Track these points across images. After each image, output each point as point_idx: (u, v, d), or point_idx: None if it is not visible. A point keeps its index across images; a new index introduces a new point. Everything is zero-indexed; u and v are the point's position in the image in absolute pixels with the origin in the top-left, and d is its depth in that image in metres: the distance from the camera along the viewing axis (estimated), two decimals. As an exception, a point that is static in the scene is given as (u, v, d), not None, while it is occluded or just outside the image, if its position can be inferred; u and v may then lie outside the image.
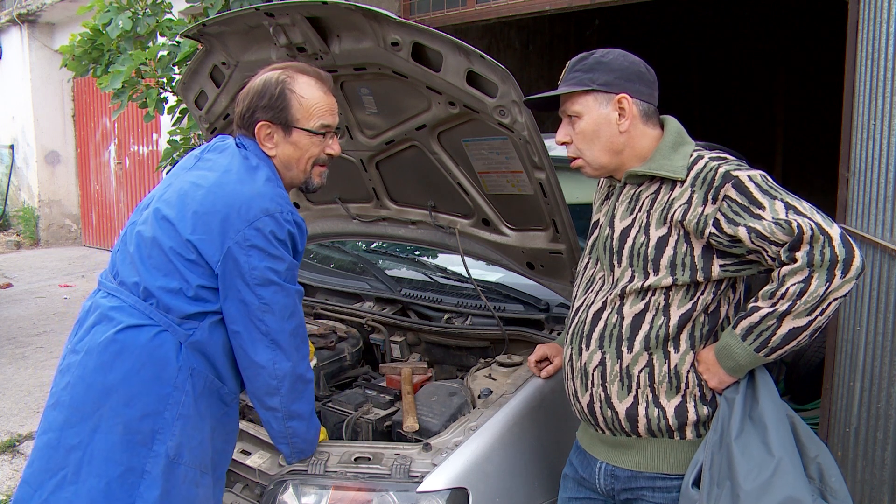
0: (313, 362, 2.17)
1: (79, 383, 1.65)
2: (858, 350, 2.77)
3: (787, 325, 1.46)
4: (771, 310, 1.47)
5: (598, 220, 1.76)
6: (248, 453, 1.96)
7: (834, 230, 1.43)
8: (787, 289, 1.44)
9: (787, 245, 1.44)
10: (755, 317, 1.49)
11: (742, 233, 1.47)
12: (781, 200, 1.47)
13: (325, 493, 1.77)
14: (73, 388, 1.66)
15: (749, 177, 1.50)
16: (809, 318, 1.45)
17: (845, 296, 1.44)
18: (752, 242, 1.47)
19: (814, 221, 1.43)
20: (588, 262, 1.77)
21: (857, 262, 1.42)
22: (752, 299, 1.52)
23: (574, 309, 1.76)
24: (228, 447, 1.81)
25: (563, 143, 1.71)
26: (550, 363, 2.03)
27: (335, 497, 1.76)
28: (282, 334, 1.69)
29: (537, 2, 3.99)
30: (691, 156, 1.60)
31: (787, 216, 1.44)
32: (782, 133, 8.41)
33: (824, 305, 1.44)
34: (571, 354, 1.72)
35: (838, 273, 1.42)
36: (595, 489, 1.75)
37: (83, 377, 1.65)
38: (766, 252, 1.48)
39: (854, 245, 1.43)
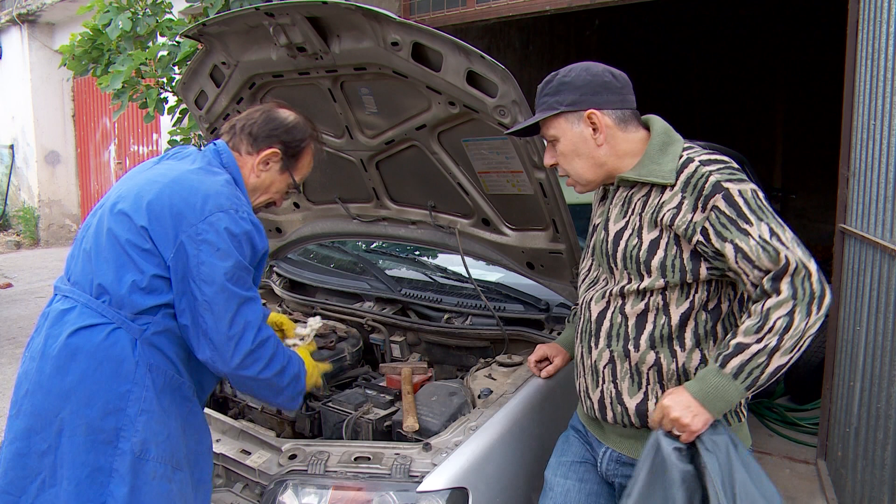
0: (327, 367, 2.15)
1: (37, 390, 1.66)
2: (858, 350, 2.76)
3: (775, 363, 1.44)
4: (762, 346, 1.43)
5: (596, 222, 1.78)
6: (248, 453, 1.96)
7: (812, 265, 1.44)
8: (774, 323, 1.43)
9: (771, 274, 1.44)
10: (745, 354, 1.45)
11: (728, 250, 1.47)
12: (767, 224, 1.46)
13: (325, 493, 1.77)
14: (32, 395, 1.66)
15: (740, 191, 1.49)
16: (790, 356, 1.44)
17: (814, 335, 1.44)
18: (736, 262, 1.47)
19: (796, 254, 1.44)
20: (592, 263, 1.78)
21: (828, 299, 1.43)
22: (731, 335, 1.49)
23: (580, 307, 1.77)
24: (202, 447, 1.79)
25: (551, 166, 1.73)
26: (550, 363, 2.03)
27: (335, 497, 1.76)
28: (218, 335, 1.64)
29: (537, 2, 4.00)
30: (681, 157, 1.58)
31: (771, 241, 1.45)
32: (782, 133, 8.42)
33: (801, 342, 1.43)
34: (582, 352, 1.73)
35: (815, 309, 1.42)
36: (595, 465, 1.76)
37: (41, 383, 1.65)
38: (748, 276, 1.47)
39: (825, 282, 1.44)
